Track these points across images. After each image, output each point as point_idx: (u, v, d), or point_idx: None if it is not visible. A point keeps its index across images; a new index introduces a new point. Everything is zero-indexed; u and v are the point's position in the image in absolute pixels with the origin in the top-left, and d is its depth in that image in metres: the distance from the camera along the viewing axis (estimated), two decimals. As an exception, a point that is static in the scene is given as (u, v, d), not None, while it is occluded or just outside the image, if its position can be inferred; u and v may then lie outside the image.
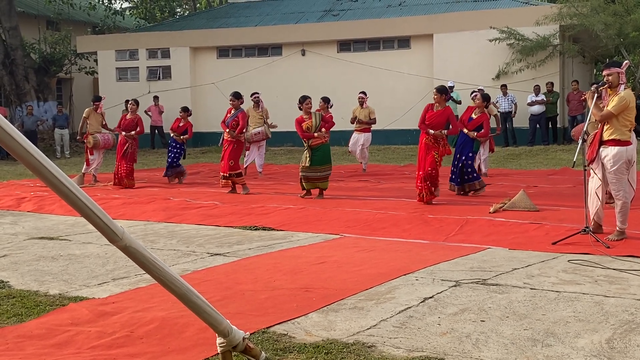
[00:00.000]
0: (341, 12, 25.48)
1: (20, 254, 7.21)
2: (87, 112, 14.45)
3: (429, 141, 10.31)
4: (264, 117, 14.79)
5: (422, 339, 4.21)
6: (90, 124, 14.32)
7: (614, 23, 20.04)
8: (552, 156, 18.12)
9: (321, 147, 11.32)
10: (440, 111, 10.36)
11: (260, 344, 4.11)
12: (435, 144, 10.30)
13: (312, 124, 11.29)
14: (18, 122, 23.75)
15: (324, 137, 11.31)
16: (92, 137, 14.13)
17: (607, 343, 4.06)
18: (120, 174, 13.59)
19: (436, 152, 10.26)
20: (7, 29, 26.45)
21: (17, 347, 4.20)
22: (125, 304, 5.08)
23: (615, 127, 7.07)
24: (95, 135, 14.20)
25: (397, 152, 20.83)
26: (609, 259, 6.32)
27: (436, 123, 10.32)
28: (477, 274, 5.83)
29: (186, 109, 14.89)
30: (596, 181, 7.30)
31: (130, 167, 13.69)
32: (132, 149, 13.74)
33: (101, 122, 14.48)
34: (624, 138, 7.08)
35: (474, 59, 21.87)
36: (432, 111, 10.40)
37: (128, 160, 13.63)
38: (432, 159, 10.19)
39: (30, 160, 2.66)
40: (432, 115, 10.35)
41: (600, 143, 7.19)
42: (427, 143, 10.32)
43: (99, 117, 14.42)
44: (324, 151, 11.34)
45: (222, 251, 7.18)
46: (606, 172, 7.18)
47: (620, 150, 7.07)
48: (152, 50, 25.74)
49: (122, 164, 13.57)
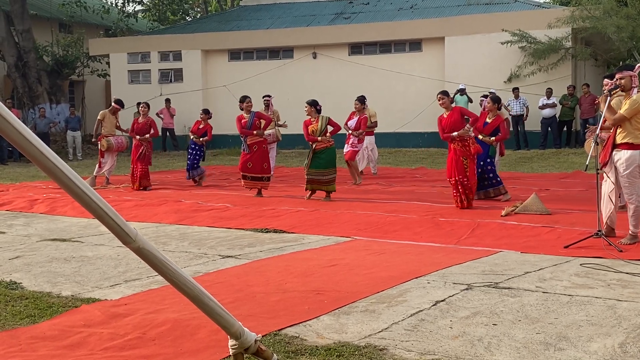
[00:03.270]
0: (352, 15, 25.48)
1: (33, 256, 7.25)
2: (101, 115, 14.51)
3: (457, 146, 10.12)
4: (274, 120, 14.79)
5: (434, 342, 4.20)
6: (104, 126, 14.38)
7: (627, 26, 19.94)
8: (564, 159, 18.04)
9: (326, 151, 11.33)
10: (450, 113, 10.30)
11: (272, 346, 4.11)
12: (464, 147, 10.11)
13: (318, 128, 11.31)
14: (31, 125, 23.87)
15: (328, 141, 11.31)
16: (106, 140, 14.19)
17: (620, 347, 4.04)
18: (136, 175, 13.68)
19: (464, 157, 10.07)
20: (20, 31, 26.60)
21: (30, 349, 4.22)
22: (138, 305, 5.10)
23: (629, 131, 7.04)
24: (109, 138, 14.26)
25: (409, 155, 20.80)
26: (621, 262, 6.28)
27: (453, 125, 10.19)
28: (489, 277, 5.81)
29: (207, 111, 14.99)
30: (610, 184, 7.26)
31: (146, 169, 13.78)
32: (148, 152, 13.82)
33: (115, 124, 14.56)
34: (637, 141, 7.04)
35: (485, 62, 21.83)
36: (444, 118, 10.34)
37: (143, 163, 13.72)
38: (462, 167, 10.04)
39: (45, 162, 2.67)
40: (446, 121, 10.28)
41: (613, 146, 7.16)
42: (456, 149, 10.13)
43: (113, 119, 14.49)
44: (328, 155, 11.34)
45: (234, 253, 7.19)
46: (619, 176, 7.15)
47: (633, 153, 7.03)
48: (164, 53, 25.84)
49: (138, 167, 13.66)
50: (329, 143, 11.34)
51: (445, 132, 10.23)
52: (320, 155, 11.29)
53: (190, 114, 23.32)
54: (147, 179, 13.79)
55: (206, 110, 14.96)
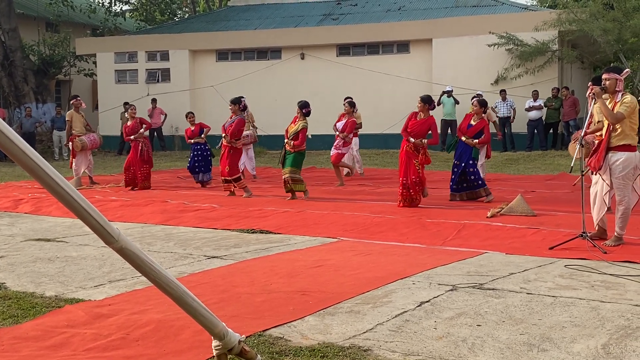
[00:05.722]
0: (341, 16, 25.50)
1: (17, 256, 7.20)
2: (69, 115, 14.40)
3: (410, 149, 10.42)
4: (250, 121, 14.98)
5: (418, 343, 4.21)
6: (74, 127, 14.24)
7: (613, 29, 20.07)
8: (550, 161, 18.13)
9: (292, 153, 11.45)
10: (423, 120, 10.51)
11: (256, 347, 4.11)
12: (415, 152, 10.40)
13: (293, 130, 11.46)
14: (17, 124, 23.76)
15: (291, 147, 11.41)
16: (79, 140, 14.05)
17: (603, 348, 4.06)
18: (139, 178, 13.58)
19: (416, 160, 10.36)
20: (6, 30, 26.46)
21: (12, 349, 4.19)
22: (122, 306, 5.08)
23: (625, 133, 7.06)
24: (81, 137, 14.14)
25: (395, 156, 20.66)
26: (605, 264, 6.32)
27: (418, 131, 10.45)
28: (474, 278, 5.83)
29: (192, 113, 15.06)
30: (604, 187, 7.24)
31: (148, 170, 13.76)
32: (147, 148, 13.77)
33: (83, 122, 14.42)
34: (634, 143, 7.12)
35: (472, 64, 21.90)
36: (415, 119, 10.53)
37: (145, 163, 13.67)
38: (414, 168, 10.32)
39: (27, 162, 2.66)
40: (415, 124, 10.50)
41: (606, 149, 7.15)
42: (408, 151, 10.44)
43: (80, 117, 14.36)
44: (292, 157, 11.44)
45: (219, 254, 7.18)
46: (613, 177, 7.15)
47: (630, 155, 7.08)
48: (152, 52, 25.74)
49: (140, 168, 13.59)
50: (293, 150, 11.44)
51: (407, 131, 10.48)
52: (288, 155, 11.51)
53: (177, 114, 23.26)
54: (149, 180, 13.77)
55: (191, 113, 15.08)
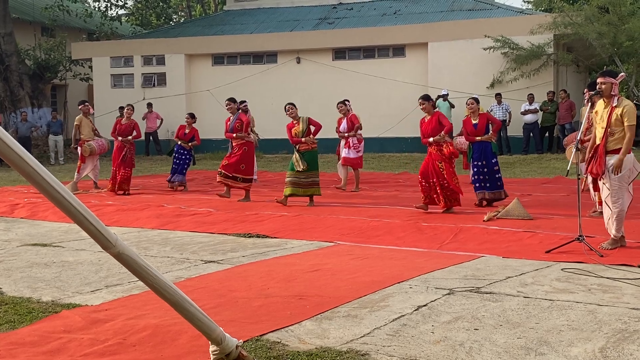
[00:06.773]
0: (336, 20, 25.53)
1: (13, 261, 7.18)
2: (78, 120, 14.41)
3: (433, 150, 10.22)
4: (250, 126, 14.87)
5: (416, 347, 4.20)
6: (82, 131, 14.27)
7: (608, 32, 20.14)
8: (546, 165, 18.16)
9: (307, 154, 11.33)
10: (430, 118, 10.38)
11: (253, 351, 4.10)
12: (439, 152, 10.19)
13: (300, 130, 11.34)
14: (12, 129, 23.72)
15: (312, 142, 11.31)
16: (88, 145, 14.08)
17: (601, 352, 4.06)
18: (118, 179, 13.55)
19: (439, 160, 10.13)
20: (2, 35, 26.43)
21: (9, 355, 4.17)
22: (118, 311, 5.07)
23: (622, 136, 7.07)
24: (90, 142, 14.17)
25: (392, 160, 20.85)
26: (602, 267, 6.32)
27: (432, 130, 10.28)
28: (471, 282, 5.83)
29: (192, 115, 14.95)
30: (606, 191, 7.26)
31: (129, 173, 13.70)
32: (130, 154, 13.74)
33: (92, 127, 14.46)
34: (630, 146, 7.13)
35: (468, 67, 21.94)
36: (424, 122, 10.43)
37: (127, 166, 13.62)
38: (438, 170, 10.07)
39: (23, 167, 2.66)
40: (427, 126, 10.33)
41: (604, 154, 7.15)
42: (432, 153, 10.23)
43: (89, 122, 14.40)
44: (310, 157, 11.34)
45: (216, 258, 7.17)
46: (610, 179, 7.16)
47: (628, 157, 7.10)
48: (147, 57, 25.75)
49: (120, 170, 13.56)
50: (313, 145, 11.35)
51: (425, 137, 10.33)
52: (303, 157, 11.29)
53: (173, 119, 23.27)
54: (128, 183, 13.67)
55: (192, 115, 14.95)
